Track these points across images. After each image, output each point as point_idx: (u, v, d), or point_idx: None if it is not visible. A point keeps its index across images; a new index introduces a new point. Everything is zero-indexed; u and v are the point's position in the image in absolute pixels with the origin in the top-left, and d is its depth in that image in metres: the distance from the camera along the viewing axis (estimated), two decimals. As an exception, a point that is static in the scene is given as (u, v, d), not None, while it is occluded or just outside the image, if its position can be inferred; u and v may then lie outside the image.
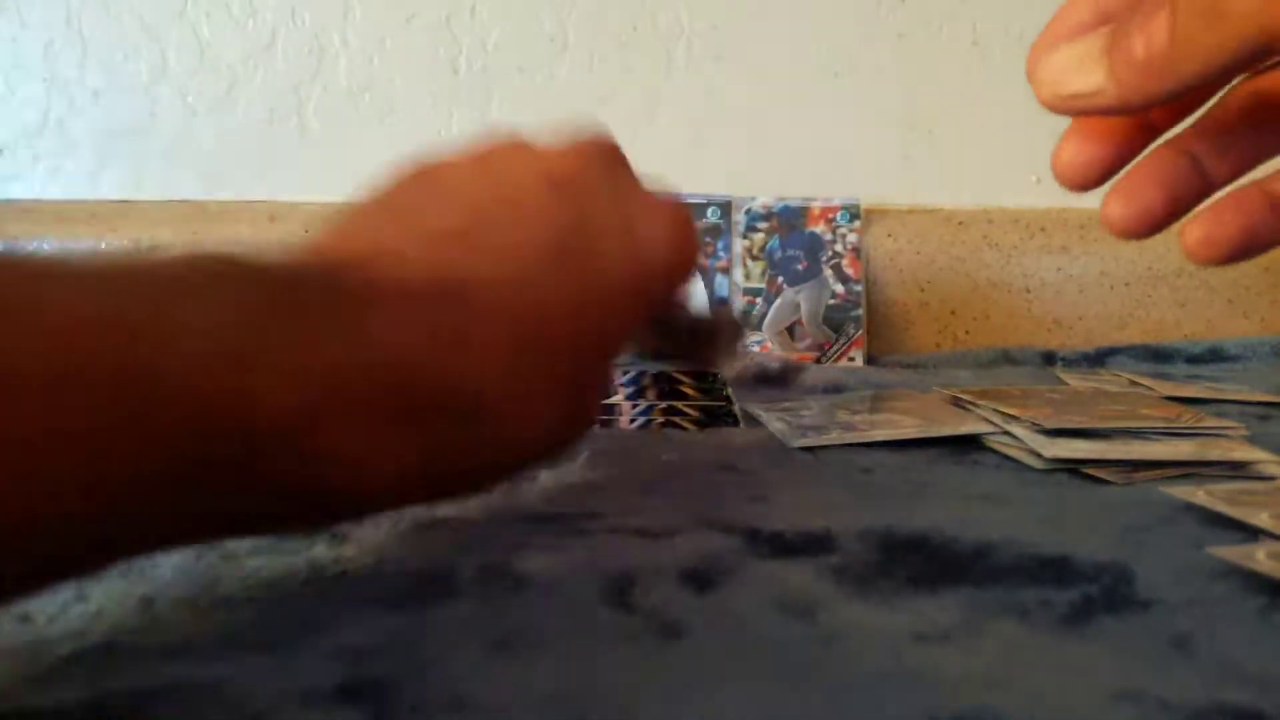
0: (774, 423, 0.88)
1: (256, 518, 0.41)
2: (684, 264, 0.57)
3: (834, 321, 1.27)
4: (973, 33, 1.33)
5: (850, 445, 0.79)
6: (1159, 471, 0.72)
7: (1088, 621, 0.46)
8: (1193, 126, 0.53)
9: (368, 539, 0.56)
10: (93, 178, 1.31)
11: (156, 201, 1.31)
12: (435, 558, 0.52)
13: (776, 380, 1.12)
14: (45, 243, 1.25)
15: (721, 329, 0.79)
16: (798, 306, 1.27)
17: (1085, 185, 0.53)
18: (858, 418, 0.88)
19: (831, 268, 1.28)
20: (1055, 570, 0.52)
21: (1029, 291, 1.30)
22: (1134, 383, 1.09)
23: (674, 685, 0.40)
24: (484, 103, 1.32)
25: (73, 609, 0.46)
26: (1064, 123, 0.52)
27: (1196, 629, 0.45)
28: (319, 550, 0.54)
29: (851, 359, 1.26)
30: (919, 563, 0.54)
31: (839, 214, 1.29)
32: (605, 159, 0.53)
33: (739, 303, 1.27)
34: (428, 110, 1.32)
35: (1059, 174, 0.54)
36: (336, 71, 1.31)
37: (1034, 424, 0.80)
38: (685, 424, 0.87)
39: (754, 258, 1.28)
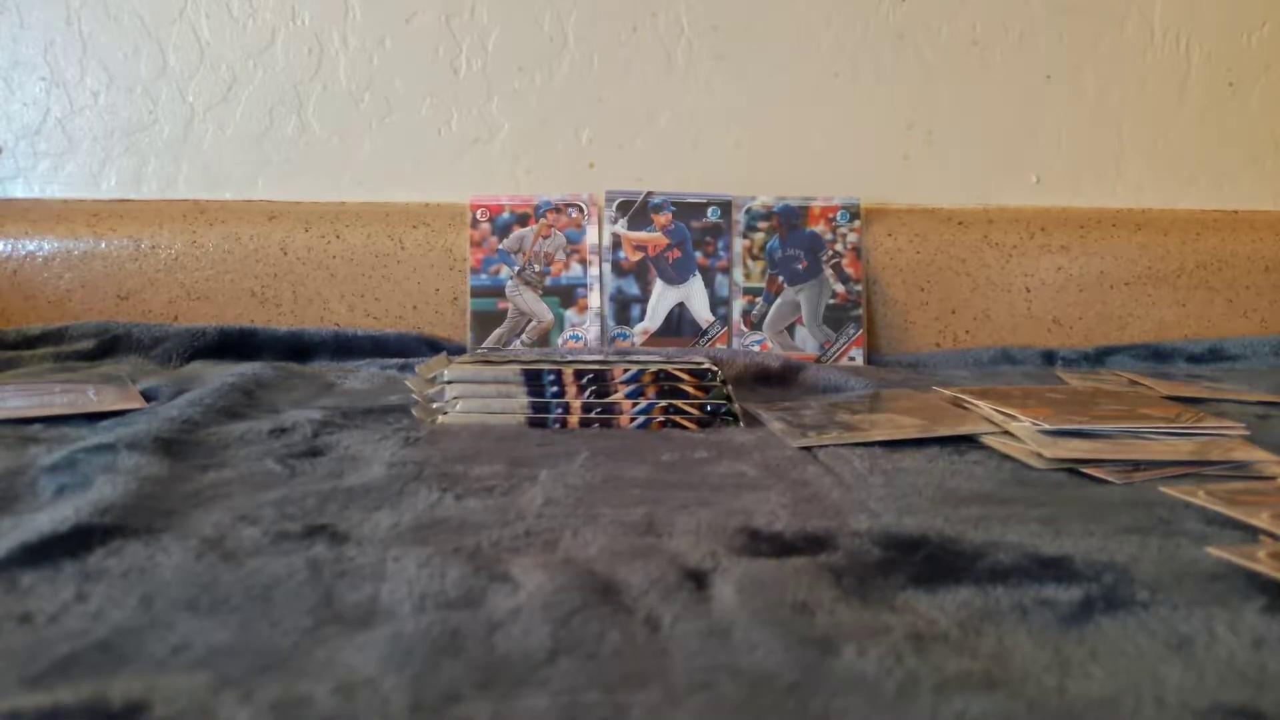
0: (774, 423, 0.88)
1: None
2: None
3: (834, 321, 1.27)
4: (973, 33, 1.33)
5: (850, 445, 0.79)
6: (1159, 471, 0.72)
7: (1088, 621, 0.46)
8: None
9: (368, 538, 0.56)
10: (93, 177, 1.31)
11: (156, 201, 1.31)
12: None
13: (776, 380, 1.13)
14: (45, 242, 1.25)
15: None
16: (798, 306, 1.27)
17: None
18: (858, 418, 0.88)
19: (831, 268, 1.28)
20: (1055, 570, 0.52)
21: (1029, 291, 1.30)
22: (1134, 383, 1.09)
23: (670, 683, 0.40)
24: (484, 103, 1.32)
25: (73, 609, 0.46)
26: (1063, 123, 0.51)
27: (1196, 629, 0.45)
28: (319, 550, 0.54)
29: (851, 359, 1.26)
30: (919, 563, 0.54)
31: (839, 214, 1.29)
32: None
33: (739, 303, 1.26)
34: (428, 110, 1.32)
35: None
36: (336, 71, 1.31)
37: (1034, 424, 0.80)
38: (685, 424, 0.87)
39: (754, 258, 1.28)
